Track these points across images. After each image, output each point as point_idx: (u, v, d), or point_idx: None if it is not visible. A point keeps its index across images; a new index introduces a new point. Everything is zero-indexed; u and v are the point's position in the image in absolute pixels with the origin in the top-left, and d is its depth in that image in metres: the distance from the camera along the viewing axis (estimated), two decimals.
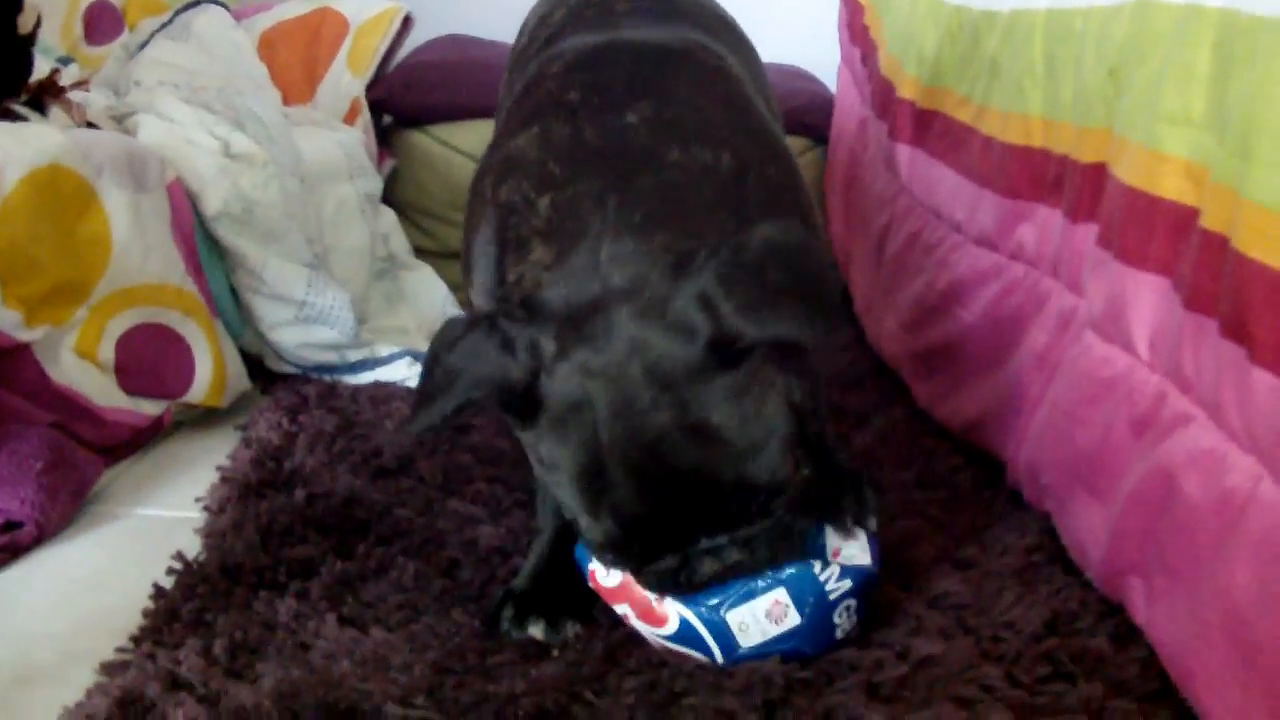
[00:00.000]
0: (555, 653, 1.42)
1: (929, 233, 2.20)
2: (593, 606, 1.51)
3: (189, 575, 1.58)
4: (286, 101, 3.03)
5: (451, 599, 1.54)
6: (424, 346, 2.52)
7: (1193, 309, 1.27)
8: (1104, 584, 1.47)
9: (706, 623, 1.34)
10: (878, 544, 1.45)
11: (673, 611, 1.35)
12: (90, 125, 2.38)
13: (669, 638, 1.36)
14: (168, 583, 1.57)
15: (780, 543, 1.32)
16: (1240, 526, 1.16)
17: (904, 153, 2.39)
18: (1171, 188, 1.35)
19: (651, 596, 1.36)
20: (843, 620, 1.38)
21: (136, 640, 1.44)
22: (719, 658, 1.36)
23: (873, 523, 1.46)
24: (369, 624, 1.47)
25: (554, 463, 1.25)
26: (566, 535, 1.53)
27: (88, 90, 2.61)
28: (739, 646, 1.35)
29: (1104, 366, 1.49)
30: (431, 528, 1.73)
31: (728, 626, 1.34)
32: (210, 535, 1.71)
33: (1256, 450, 1.16)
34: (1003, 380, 1.83)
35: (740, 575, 1.32)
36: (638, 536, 1.25)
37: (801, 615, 1.34)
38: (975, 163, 2.01)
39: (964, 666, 1.35)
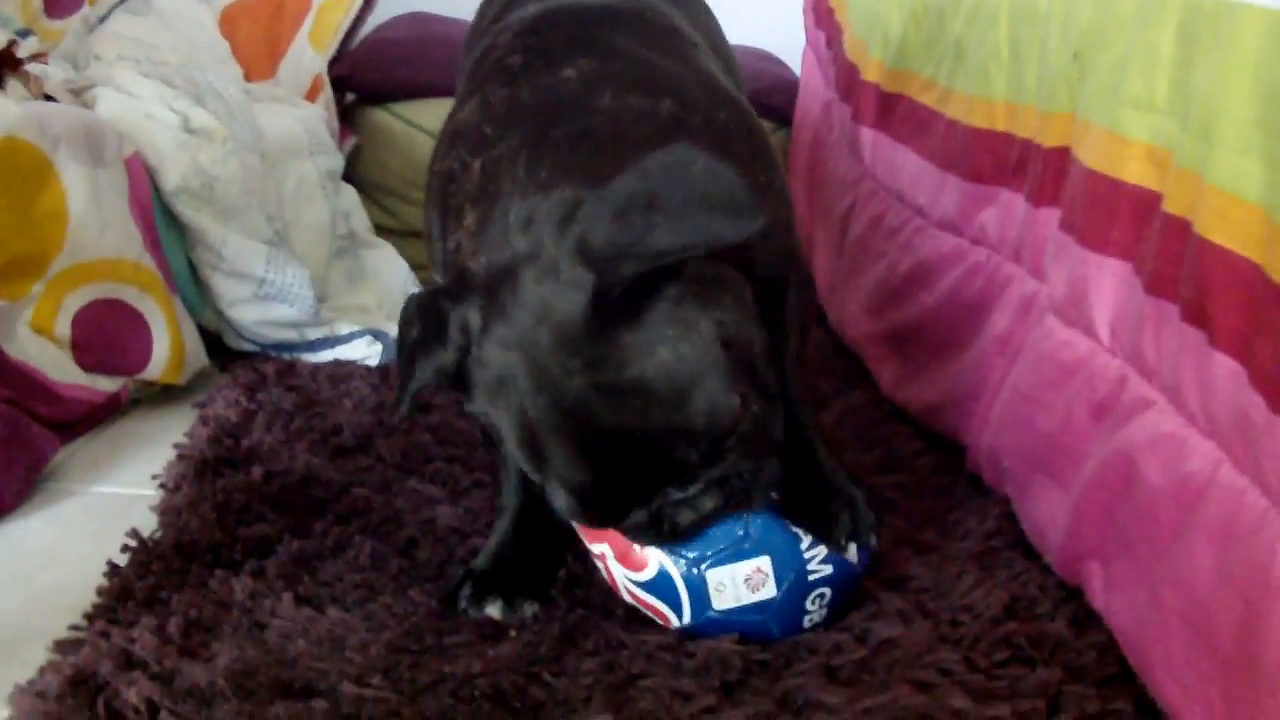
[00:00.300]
0: (513, 633, 1.41)
1: (892, 216, 2.20)
2: (551, 587, 1.50)
3: (144, 553, 1.56)
4: (248, 78, 3.01)
5: (409, 579, 1.53)
6: (385, 325, 2.52)
7: (1154, 293, 1.28)
8: (1063, 569, 1.47)
9: (685, 577, 1.33)
10: (869, 556, 1.45)
11: (653, 558, 1.34)
12: (48, 98, 2.36)
13: (643, 584, 1.36)
14: (122, 560, 1.56)
15: (754, 485, 1.30)
16: (1199, 511, 1.16)
17: (868, 136, 2.38)
18: (1134, 172, 1.35)
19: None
20: (814, 608, 1.38)
21: (90, 618, 1.43)
22: (686, 616, 1.36)
23: (873, 540, 1.46)
24: (325, 603, 1.46)
25: (499, 434, 1.26)
26: (531, 513, 1.53)
27: (46, 63, 2.59)
28: (710, 608, 1.34)
29: (1065, 351, 1.49)
30: (390, 507, 1.72)
31: (705, 584, 1.33)
32: (166, 513, 1.70)
33: (1216, 435, 1.16)
34: (964, 364, 1.83)
35: (719, 521, 1.31)
36: (591, 501, 1.23)
37: (778, 588, 1.34)
38: (939, 146, 2.01)
39: (922, 650, 1.36)
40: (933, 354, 1.94)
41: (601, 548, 1.40)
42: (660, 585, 1.35)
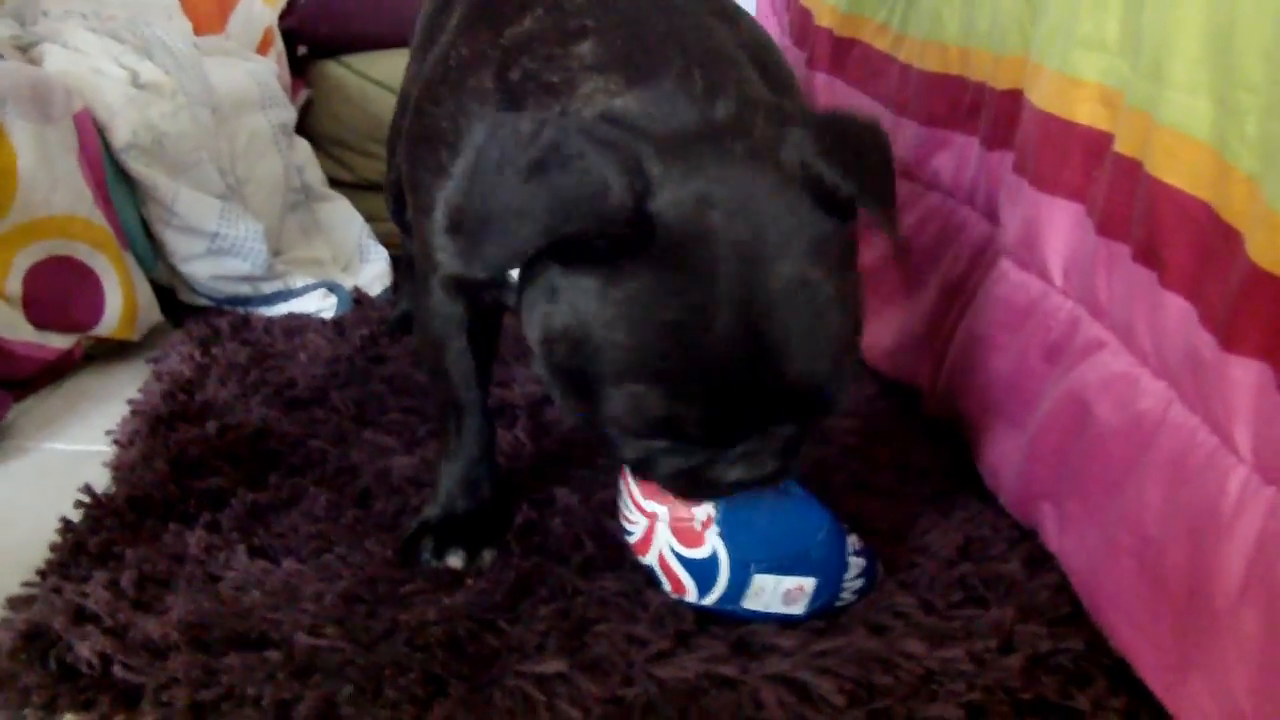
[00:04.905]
0: (469, 581, 1.41)
1: None
2: (506, 533, 1.51)
3: (97, 509, 1.55)
4: (198, 31, 2.97)
5: (364, 529, 1.53)
6: (340, 277, 2.51)
7: (1106, 234, 1.28)
8: (1017, 510, 1.48)
9: (732, 570, 1.30)
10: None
11: (710, 542, 1.30)
12: None
13: (685, 560, 1.31)
14: (76, 516, 1.55)
15: (797, 455, 1.22)
16: (1150, 450, 1.17)
17: (822, 82, 2.38)
18: (1086, 113, 1.35)
19: (698, 517, 1.29)
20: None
21: (43, 574, 1.42)
22: (709, 600, 1.32)
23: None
24: (280, 555, 1.45)
25: (640, 310, 1.08)
26: (481, 461, 1.53)
27: None
28: (736, 603, 1.31)
29: (1019, 293, 1.49)
30: (345, 458, 1.72)
31: (747, 584, 1.30)
32: (119, 468, 1.69)
33: (1167, 374, 1.17)
34: (919, 309, 1.83)
35: (754, 488, 1.22)
36: (729, 406, 1.11)
37: (807, 609, 1.32)
38: (893, 91, 2.01)
39: (879, 595, 1.37)
40: (888, 299, 1.94)
41: (656, 509, 1.32)
42: (703, 567, 1.31)
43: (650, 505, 1.32)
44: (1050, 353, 1.41)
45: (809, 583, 1.30)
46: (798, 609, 1.31)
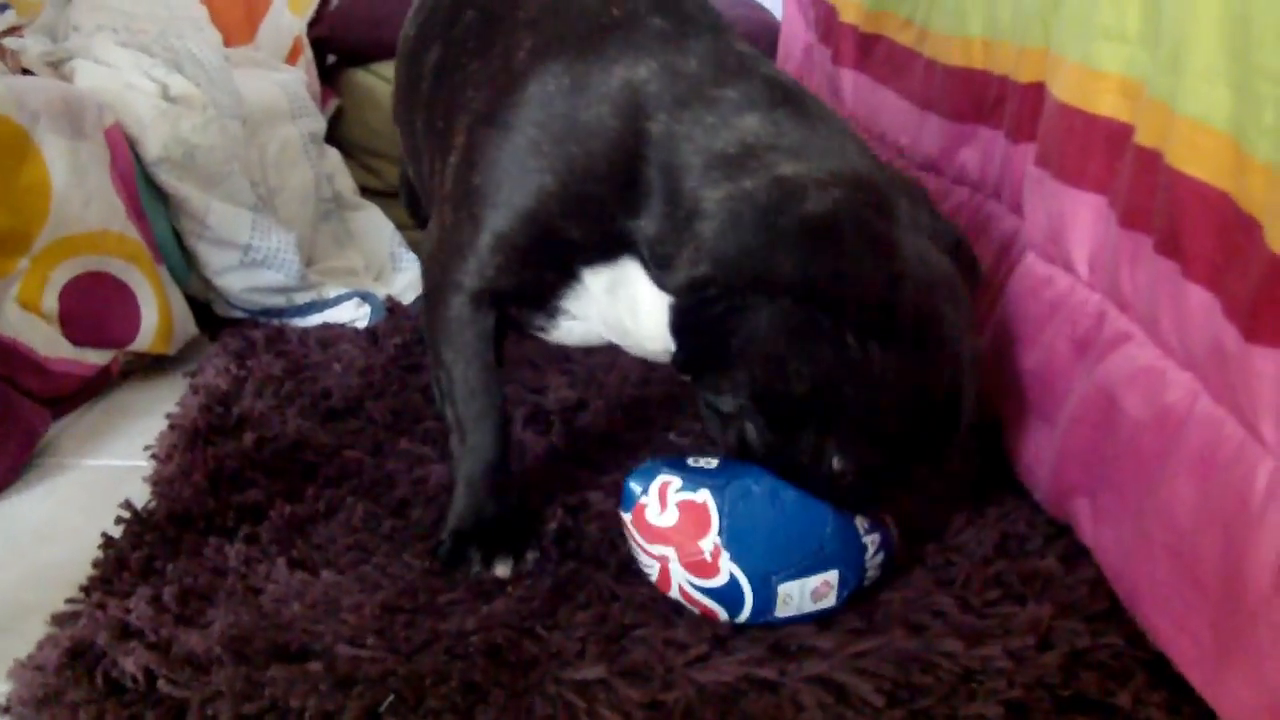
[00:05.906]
0: (508, 589, 1.41)
1: None
2: (537, 536, 1.52)
3: (138, 524, 1.57)
4: (227, 43, 2.99)
5: (402, 539, 1.54)
6: (373, 286, 2.52)
7: (1128, 226, 1.28)
8: (1051, 505, 1.48)
9: (755, 589, 1.30)
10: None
11: (725, 568, 1.30)
12: (25, 72, 2.35)
13: (705, 589, 1.32)
14: (117, 532, 1.56)
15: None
16: (1180, 443, 1.17)
17: (848, 78, 2.38)
18: (1107, 105, 1.35)
19: (705, 550, 1.30)
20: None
21: (86, 590, 1.43)
22: (741, 618, 1.32)
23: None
24: (319, 566, 1.46)
25: (888, 382, 1.23)
26: (502, 464, 1.54)
27: (22, 36, 2.58)
28: (769, 614, 1.32)
29: (1046, 287, 1.49)
30: (381, 468, 1.73)
31: (774, 597, 1.31)
32: (159, 483, 1.70)
33: (1193, 366, 1.17)
34: None
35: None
36: (925, 456, 1.31)
37: (838, 599, 1.33)
38: (918, 86, 2.01)
39: (916, 594, 1.37)
40: None
41: (664, 551, 1.33)
42: (725, 592, 1.31)
43: (658, 549, 1.34)
44: (1078, 346, 1.41)
45: (832, 575, 1.32)
46: (829, 603, 1.32)
